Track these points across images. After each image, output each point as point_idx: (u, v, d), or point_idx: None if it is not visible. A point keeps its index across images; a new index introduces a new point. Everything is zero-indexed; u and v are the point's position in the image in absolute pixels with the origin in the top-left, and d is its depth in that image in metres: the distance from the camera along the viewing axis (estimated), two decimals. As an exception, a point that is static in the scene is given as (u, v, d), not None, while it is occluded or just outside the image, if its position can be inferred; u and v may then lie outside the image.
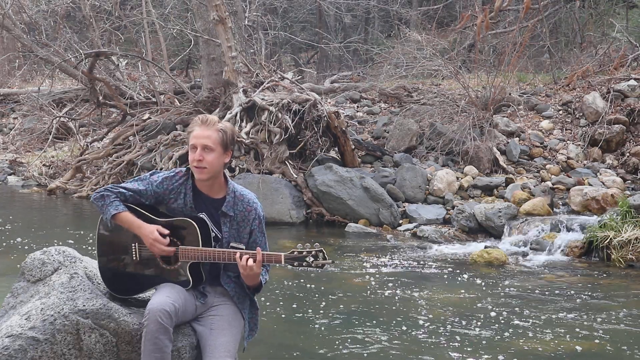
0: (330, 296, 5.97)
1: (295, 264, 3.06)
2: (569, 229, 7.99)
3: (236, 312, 3.31)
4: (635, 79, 11.79)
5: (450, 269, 7.02)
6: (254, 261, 3.08)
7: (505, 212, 8.49)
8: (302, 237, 8.70)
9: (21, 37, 15.73)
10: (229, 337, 3.18)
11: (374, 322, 5.27)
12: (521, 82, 13.74)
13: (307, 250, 3.05)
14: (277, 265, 3.19)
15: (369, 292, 6.14)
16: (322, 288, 6.21)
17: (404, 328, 5.12)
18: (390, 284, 6.39)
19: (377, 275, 6.75)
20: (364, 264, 7.18)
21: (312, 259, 3.04)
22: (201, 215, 3.21)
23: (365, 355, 4.57)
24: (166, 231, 3.17)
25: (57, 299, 3.19)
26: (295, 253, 3.07)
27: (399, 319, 5.34)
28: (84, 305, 3.17)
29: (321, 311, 5.53)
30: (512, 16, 16.40)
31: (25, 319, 3.14)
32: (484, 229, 8.54)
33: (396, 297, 5.95)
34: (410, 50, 14.52)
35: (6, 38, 19.65)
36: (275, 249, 3.21)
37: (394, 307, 5.64)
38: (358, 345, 4.73)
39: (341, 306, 5.69)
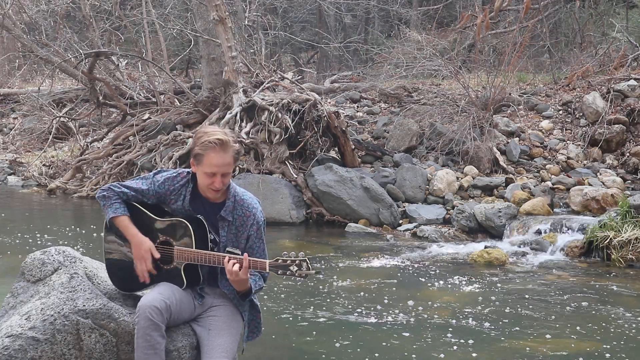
0: (329, 296, 5.96)
1: (279, 272, 3.04)
2: (569, 229, 7.98)
3: (235, 313, 3.32)
4: (635, 79, 11.79)
5: (450, 269, 7.01)
6: (240, 267, 3.07)
7: (505, 212, 8.48)
8: (302, 237, 8.71)
9: (21, 37, 15.73)
10: (226, 338, 3.18)
11: (374, 322, 5.27)
12: (521, 82, 13.73)
13: (292, 259, 3.02)
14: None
15: (368, 292, 6.14)
16: (322, 288, 6.21)
17: (404, 328, 5.12)
18: (390, 284, 6.39)
19: (376, 276, 6.74)
20: (364, 264, 7.18)
21: (295, 268, 3.01)
22: (199, 216, 3.22)
23: (365, 355, 4.57)
24: (157, 255, 3.19)
25: (57, 299, 3.19)
26: (280, 261, 3.04)
27: (398, 318, 5.34)
28: (84, 305, 3.17)
29: (321, 311, 5.53)
30: (512, 16, 16.39)
31: (25, 319, 3.14)
32: (484, 229, 8.53)
33: (396, 297, 5.95)
34: (410, 50, 14.53)
35: (6, 38, 19.67)
36: (275, 249, 3.22)
37: (393, 307, 5.64)
38: (358, 345, 4.72)
39: (341, 306, 5.68)
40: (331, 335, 4.94)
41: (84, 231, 8.56)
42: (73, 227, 8.92)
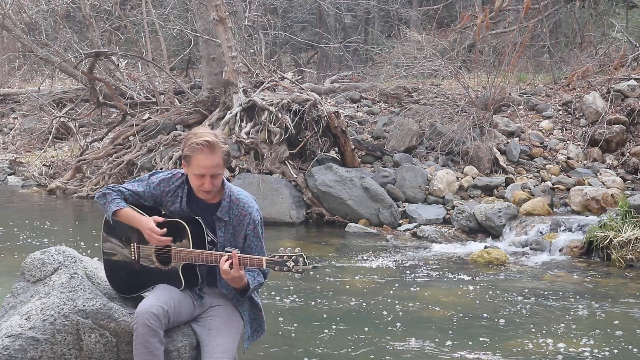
0: (330, 296, 5.96)
1: (276, 269, 3.04)
2: (569, 229, 7.98)
3: (234, 312, 3.31)
4: (635, 79, 11.78)
5: (450, 269, 7.01)
6: (231, 265, 3.07)
7: (505, 212, 8.48)
8: (302, 237, 8.71)
9: (21, 37, 15.73)
10: (226, 338, 3.19)
11: (374, 322, 5.27)
12: (521, 82, 13.73)
13: (288, 254, 3.02)
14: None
15: (369, 292, 6.14)
16: (322, 288, 6.22)
17: (404, 328, 5.12)
18: (390, 284, 6.39)
19: (377, 275, 6.75)
20: (364, 264, 7.18)
21: (292, 263, 3.00)
22: (197, 217, 3.22)
23: (365, 355, 4.57)
24: (160, 219, 3.19)
25: (57, 299, 3.19)
26: (276, 257, 3.04)
27: (399, 319, 5.34)
28: (84, 305, 3.17)
29: (321, 311, 5.53)
30: (512, 16, 16.40)
31: (25, 319, 3.14)
32: (484, 229, 8.53)
33: (396, 297, 5.95)
34: (410, 50, 14.54)
35: (6, 38, 19.67)
36: (274, 249, 3.20)
37: (394, 307, 5.64)
38: (358, 345, 4.73)
39: (341, 306, 5.69)
40: (331, 336, 4.94)
41: (84, 231, 8.56)
42: (73, 227, 8.92)
